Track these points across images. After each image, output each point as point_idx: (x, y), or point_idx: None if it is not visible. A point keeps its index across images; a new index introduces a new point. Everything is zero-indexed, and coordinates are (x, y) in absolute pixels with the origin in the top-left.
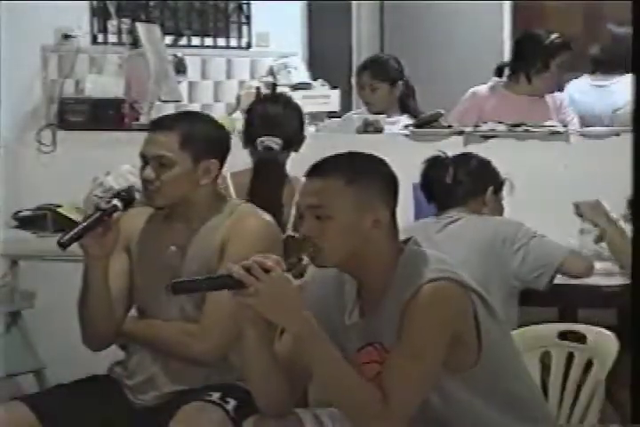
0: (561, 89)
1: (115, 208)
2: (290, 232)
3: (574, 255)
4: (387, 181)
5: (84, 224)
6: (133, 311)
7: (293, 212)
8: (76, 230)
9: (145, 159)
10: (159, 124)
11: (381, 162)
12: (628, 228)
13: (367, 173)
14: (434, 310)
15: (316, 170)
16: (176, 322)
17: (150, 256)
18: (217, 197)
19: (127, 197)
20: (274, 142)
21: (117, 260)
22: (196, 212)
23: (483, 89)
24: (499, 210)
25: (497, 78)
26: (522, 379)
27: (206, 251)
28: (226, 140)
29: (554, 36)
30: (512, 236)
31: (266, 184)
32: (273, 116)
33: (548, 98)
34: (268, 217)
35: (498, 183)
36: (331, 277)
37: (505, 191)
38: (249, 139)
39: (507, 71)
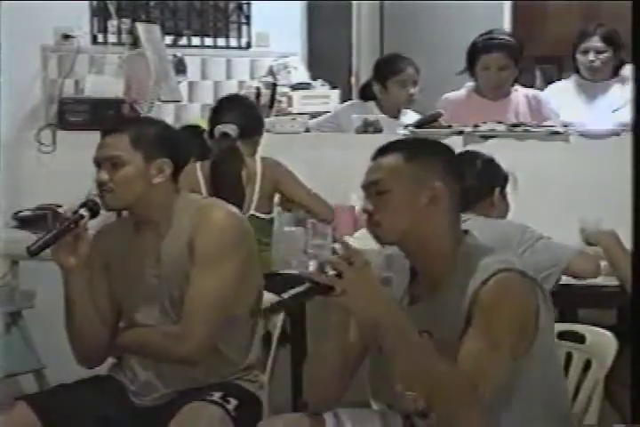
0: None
1: (80, 217)
2: (252, 211)
3: (582, 256)
4: (447, 163)
5: (52, 233)
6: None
7: (257, 190)
8: (44, 239)
9: (98, 164)
10: (109, 129)
11: (445, 147)
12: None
13: (428, 152)
14: (507, 299)
15: (379, 151)
16: (158, 326)
17: (128, 268)
18: (176, 197)
19: (94, 207)
20: (229, 129)
21: (98, 278)
22: (158, 214)
23: (454, 93)
24: (505, 208)
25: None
26: (559, 372)
27: (176, 251)
28: (178, 140)
29: (481, 37)
30: (518, 238)
31: (225, 168)
32: (227, 106)
33: (521, 97)
34: (232, 208)
35: (503, 181)
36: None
37: (509, 187)
38: (210, 131)
39: None
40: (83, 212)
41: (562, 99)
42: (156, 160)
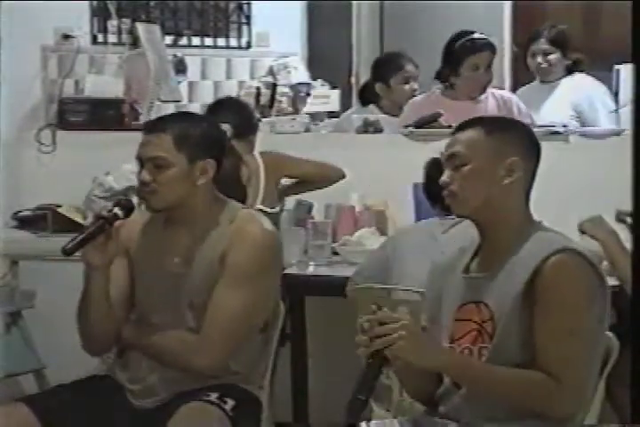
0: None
1: (116, 217)
2: (258, 206)
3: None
4: (526, 138)
5: (88, 231)
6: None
7: (262, 185)
8: (79, 238)
9: (141, 162)
10: (153, 127)
11: (522, 124)
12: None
13: (507, 127)
14: (574, 279)
15: (459, 126)
16: (175, 331)
17: (152, 263)
18: (216, 200)
19: (127, 205)
20: (224, 127)
21: (118, 264)
22: (194, 215)
23: (420, 97)
24: None
25: (439, 85)
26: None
27: (208, 260)
28: (221, 139)
29: (468, 37)
30: None
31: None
32: (220, 107)
33: (490, 99)
34: (268, 225)
35: None
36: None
37: None
38: None
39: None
40: (117, 211)
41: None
42: (199, 161)
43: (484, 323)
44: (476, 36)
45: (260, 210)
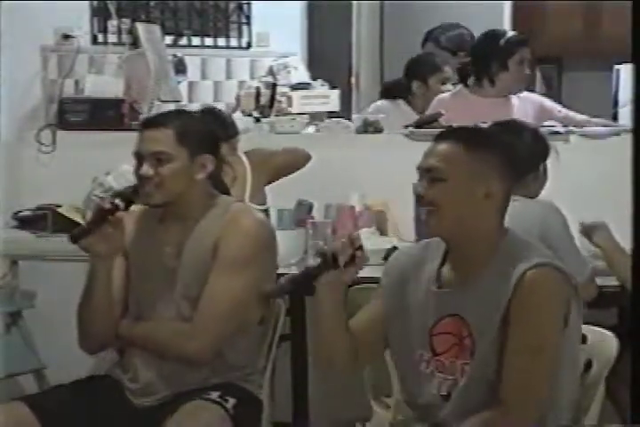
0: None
1: (116, 207)
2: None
3: (589, 283)
4: (507, 159)
5: (90, 219)
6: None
7: (249, 185)
8: (83, 225)
9: (140, 158)
10: (153, 122)
11: (507, 139)
12: None
13: (489, 144)
14: (544, 296)
15: (442, 135)
16: (169, 322)
17: (146, 257)
18: (210, 195)
19: (128, 197)
20: None
21: (115, 263)
22: (190, 210)
23: (447, 95)
24: (544, 182)
25: (461, 85)
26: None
27: (201, 251)
28: (217, 136)
29: (510, 34)
30: (544, 234)
31: None
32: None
33: (514, 98)
34: (261, 216)
35: (547, 155)
36: (415, 249)
37: (550, 160)
38: None
39: (472, 76)
40: (118, 202)
41: None
42: (199, 156)
43: (463, 338)
44: (512, 31)
45: None
